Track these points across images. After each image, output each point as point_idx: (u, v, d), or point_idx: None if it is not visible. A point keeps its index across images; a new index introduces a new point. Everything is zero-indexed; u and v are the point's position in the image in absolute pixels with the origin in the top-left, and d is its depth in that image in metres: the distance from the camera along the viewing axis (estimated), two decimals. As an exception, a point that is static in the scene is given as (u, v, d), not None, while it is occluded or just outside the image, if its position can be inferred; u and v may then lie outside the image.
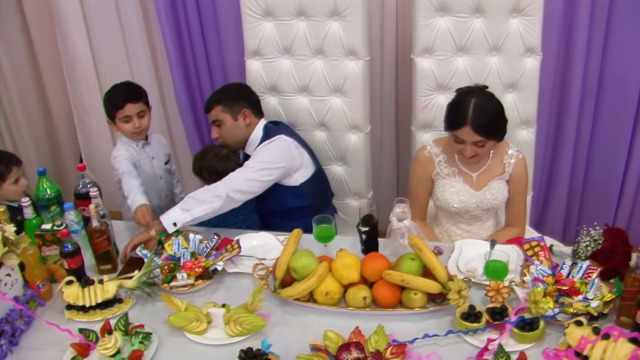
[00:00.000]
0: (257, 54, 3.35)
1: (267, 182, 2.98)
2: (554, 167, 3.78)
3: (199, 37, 3.71)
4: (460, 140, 2.67)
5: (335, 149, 3.43)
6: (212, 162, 3.11)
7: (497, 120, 2.67)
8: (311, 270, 2.34)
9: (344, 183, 3.49)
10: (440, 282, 2.29)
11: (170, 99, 4.02)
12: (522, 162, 2.87)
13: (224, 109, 3.14)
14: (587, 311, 2.17)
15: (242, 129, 3.16)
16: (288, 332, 2.27)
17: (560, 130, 3.66)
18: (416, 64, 3.23)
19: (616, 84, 3.51)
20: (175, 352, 2.21)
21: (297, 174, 3.11)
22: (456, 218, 2.94)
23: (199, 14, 3.68)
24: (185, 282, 2.48)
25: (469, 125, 2.60)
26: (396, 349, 2.10)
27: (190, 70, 3.81)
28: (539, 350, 2.11)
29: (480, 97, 2.65)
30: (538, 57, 3.16)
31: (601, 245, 2.43)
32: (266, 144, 3.07)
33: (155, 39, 3.86)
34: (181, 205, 2.78)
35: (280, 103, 3.41)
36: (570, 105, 3.57)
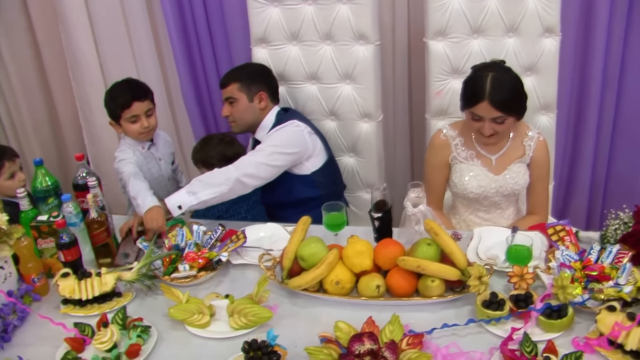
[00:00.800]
0: (263, 41, 3.22)
1: (279, 168, 2.84)
2: (575, 155, 3.60)
3: (204, 26, 3.58)
4: (478, 117, 2.53)
5: (346, 139, 3.29)
6: (221, 148, 2.98)
7: (516, 94, 2.53)
8: (320, 258, 2.20)
9: (356, 174, 3.34)
10: (459, 268, 2.14)
11: (176, 94, 3.89)
12: (544, 145, 2.71)
13: (241, 87, 3.00)
14: (620, 296, 2.00)
15: (255, 111, 3.02)
16: (296, 325, 2.12)
17: (581, 115, 3.49)
18: (429, 47, 3.08)
19: (638, 65, 3.35)
20: (175, 346, 2.07)
21: (309, 162, 2.98)
22: (475, 206, 2.79)
23: (204, 2, 3.55)
24: (187, 274, 2.34)
25: (487, 100, 2.46)
26: (412, 339, 1.95)
27: (196, 62, 3.68)
28: (568, 340, 1.95)
29: (497, 72, 2.52)
30: (557, 37, 3.01)
31: (632, 228, 2.26)
32: (279, 129, 2.94)
33: (161, 33, 3.72)
34: (188, 188, 2.64)
35: (288, 92, 3.27)
36: (591, 89, 3.40)
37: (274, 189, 2.92)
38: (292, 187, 2.95)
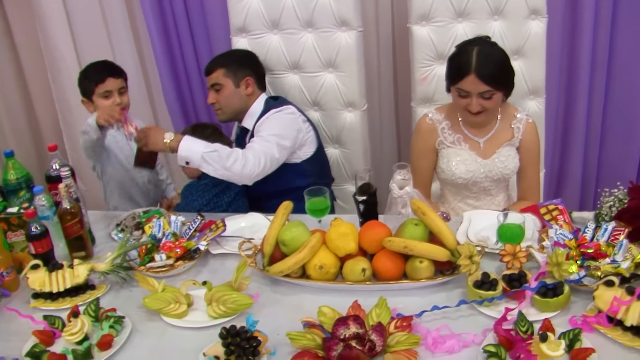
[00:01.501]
0: (243, 30, 3.13)
1: (281, 160, 2.75)
2: (566, 141, 3.52)
3: (184, 18, 3.48)
4: (465, 93, 2.45)
5: (330, 130, 3.20)
6: (209, 135, 2.83)
7: (503, 68, 2.46)
8: (302, 242, 2.09)
9: (342, 166, 3.25)
10: (448, 248, 2.03)
11: (156, 90, 3.78)
12: (533, 127, 2.63)
13: (226, 73, 2.90)
14: (618, 272, 1.90)
15: (242, 97, 2.92)
16: (278, 313, 2.01)
17: (571, 100, 3.40)
18: (413, 33, 3.00)
19: (628, 47, 3.28)
20: (150, 337, 1.95)
21: (301, 150, 2.89)
22: (463, 193, 2.69)
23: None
24: (163, 263, 2.22)
25: (474, 74, 2.39)
26: (401, 322, 1.84)
27: (175, 54, 3.57)
28: (565, 319, 1.84)
29: (483, 45, 2.45)
30: (543, 19, 2.94)
31: (627, 204, 2.17)
32: (274, 114, 2.84)
33: (139, 26, 3.63)
34: (206, 154, 2.51)
35: (269, 82, 3.17)
36: (580, 73, 3.32)
37: (263, 179, 2.80)
38: (281, 175, 2.83)
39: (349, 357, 1.69)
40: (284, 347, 1.80)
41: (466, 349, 1.78)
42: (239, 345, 1.74)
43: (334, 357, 1.71)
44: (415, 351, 1.73)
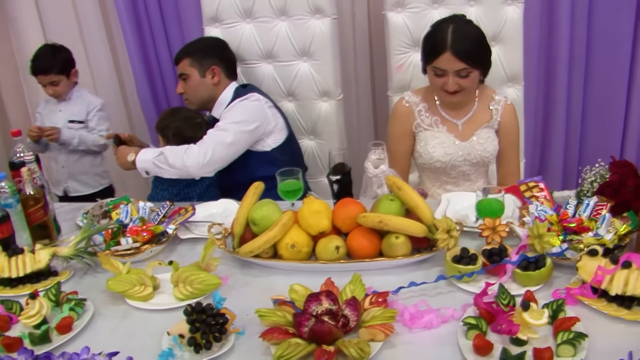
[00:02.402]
0: (216, 20, 3.07)
1: (242, 147, 2.73)
2: (546, 129, 3.46)
3: (156, 8, 3.40)
4: (442, 72, 2.39)
5: (305, 120, 3.13)
6: (182, 124, 2.80)
7: (479, 45, 2.41)
8: (274, 221, 2.00)
9: (317, 158, 3.17)
10: (425, 223, 1.95)
11: (129, 85, 3.68)
12: (511, 109, 2.58)
13: (192, 62, 2.86)
14: (602, 243, 1.83)
15: (208, 87, 2.87)
16: (248, 294, 1.91)
17: (550, 87, 3.35)
18: (388, 20, 2.95)
19: (606, 32, 3.25)
20: (113, 320, 1.84)
21: (270, 138, 2.82)
22: (442, 178, 2.62)
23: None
24: (129, 246, 2.12)
25: (449, 51, 2.34)
26: (376, 297, 1.75)
27: (147, 45, 3.47)
28: (548, 293, 1.77)
29: (458, 23, 2.40)
30: (520, 4, 2.90)
31: (608, 178, 2.10)
32: (237, 103, 2.78)
33: (111, 16, 3.54)
34: (155, 159, 2.61)
35: (243, 72, 3.11)
36: (559, 60, 3.26)
37: (230, 168, 2.73)
38: (250, 165, 2.77)
39: (320, 331, 1.59)
40: (253, 327, 1.70)
41: (445, 324, 1.69)
42: (204, 322, 1.63)
43: (305, 332, 1.61)
44: (391, 325, 1.64)
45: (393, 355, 1.59)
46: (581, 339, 1.52)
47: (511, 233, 2.00)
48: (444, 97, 2.48)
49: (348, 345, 1.54)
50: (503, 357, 1.51)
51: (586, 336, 1.53)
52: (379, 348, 1.60)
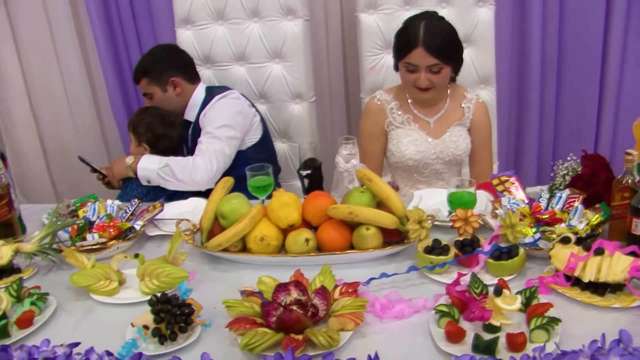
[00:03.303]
0: (187, 21, 3.03)
1: (235, 152, 2.73)
2: (520, 131, 3.46)
3: (128, 8, 3.36)
4: (413, 67, 2.38)
5: (277, 123, 3.10)
6: (154, 120, 2.76)
7: (450, 40, 2.41)
8: (243, 214, 1.95)
9: (290, 161, 3.14)
10: (396, 215, 1.92)
11: (101, 90, 3.62)
12: (483, 107, 2.58)
13: (150, 81, 2.82)
14: (574, 231, 1.82)
15: (173, 99, 2.83)
16: (217, 289, 1.86)
17: (523, 89, 3.35)
18: (360, 21, 2.94)
19: (577, 33, 3.27)
20: (76, 314, 1.79)
21: (246, 136, 2.79)
22: (415, 177, 2.60)
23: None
24: (95, 242, 2.06)
25: (422, 47, 2.33)
26: (346, 288, 1.71)
27: (119, 47, 3.42)
28: (521, 283, 1.75)
29: (430, 19, 2.40)
30: (491, 6, 2.91)
31: (580, 171, 2.09)
32: (218, 101, 2.75)
33: (83, 20, 3.48)
34: (160, 170, 2.59)
35: (215, 75, 3.08)
36: (531, 61, 3.27)
37: None
38: None
39: (289, 320, 1.54)
40: (220, 320, 1.65)
41: (417, 314, 1.66)
42: (169, 312, 1.59)
43: (272, 322, 1.57)
44: (361, 314, 1.60)
45: (363, 345, 1.55)
46: (554, 323, 1.50)
47: (484, 225, 1.98)
48: (415, 94, 2.47)
49: (317, 334, 1.50)
50: (475, 343, 1.48)
51: (559, 321, 1.51)
52: (349, 337, 1.56)
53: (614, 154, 3.36)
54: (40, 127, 3.76)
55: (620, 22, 3.20)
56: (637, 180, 1.79)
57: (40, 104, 3.68)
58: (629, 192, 1.80)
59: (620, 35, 3.22)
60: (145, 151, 2.74)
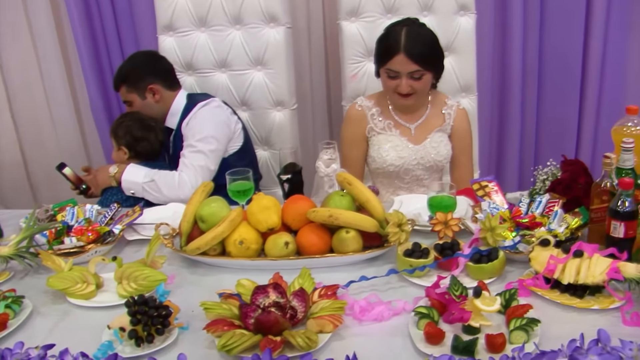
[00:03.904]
0: (170, 28, 3.02)
1: (217, 165, 2.72)
2: (501, 139, 3.48)
3: (110, 13, 3.33)
4: (395, 73, 2.39)
5: (259, 130, 3.09)
6: (133, 124, 2.76)
7: (431, 47, 2.42)
8: (222, 218, 1.94)
9: (270, 168, 3.13)
10: (376, 218, 1.91)
11: (82, 94, 3.59)
12: (464, 114, 2.59)
13: (129, 88, 2.81)
14: (554, 234, 1.82)
15: (153, 106, 2.82)
16: (195, 293, 1.83)
17: (504, 97, 3.38)
18: (342, 29, 2.95)
19: (558, 41, 3.31)
20: (52, 318, 1.76)
21: (228, 144, 2.79)
22: (396, 183, 2.60)
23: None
24: (73, 245, 2.03)
25: (403, 53, 2.34)
26: (325, 290, 1.70)
27: (101, 53, 3.39)
28: (501, 287, 1.74)
29: (411, 26, 2.42)
30: (472, 15, 2.93)
31: (560, 176, 2.10)
32: (201, 109, 2.74)
33: (65, 25, 3.46)
34: (145, 184, 2.60)
35: (197, 82, 3.07)
36: (512, 70, 3.30)
37: None
38: None
39: (267, 321, 1.53)
40: (198, 322, 1.63)
41: (396, 316, 1.66)
42: (146, 314, 1.57)
43: (251, 324, 1.56)
44: (340, 316, 1.59)
45: (342, 347, 1.54)
46: (534, 324, 1.50)
47: (464, 229, 1.98)
48: (396, 100, 2.47)
49: (295, 335, 1.49)
50: (455, 344, 1.47)
51: (538, 322, 1.51)
52: (327, 339, 1.55)
53: (594, 159, 3.39)
54: (21, 134, 3.72)
55: (599, 32, 3.25)
56: (615, 184, 1.80)
57: (21, 111, 3.65)
58: (608, 196, 1.81)
59: (599, 42, 3.27)
60: (125, 155, 2.73)
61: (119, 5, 3.33)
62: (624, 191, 1.72)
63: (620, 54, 3.33)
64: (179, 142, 2.72)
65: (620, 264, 1.63)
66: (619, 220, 1.72)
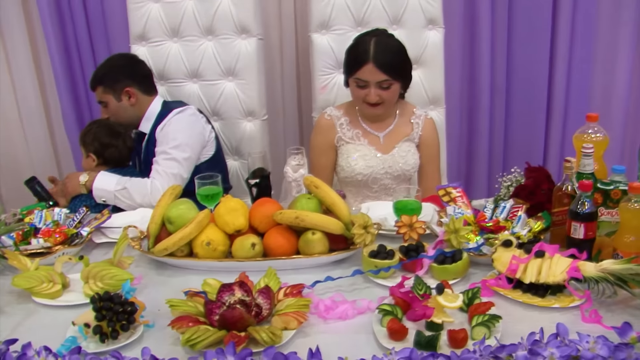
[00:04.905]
0: (142, 38, 3.04)
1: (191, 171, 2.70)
2: (470, 152, 3.53)
3: (83, 24, 3.33)
4: (364, 83, 2.43)
5: (229, 140, 3.11)
6: (101, 130, 2.75)
7: (400, 57, 2.47)
8: (189, 219, 1.95)
9: (240, 178, 3.14)
10: (342, 221, 1.94)
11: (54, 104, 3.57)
12: (431, 123, 2.64)
13: (105, 89, 2.80)
14: (517, 236, 1.86)
15: (127, 109, 2.81)
16: (162, 293, 1.82)
17: (473, 110, 3.44)
18: (313, 41, 2.98)
19: (525, 55, 3.39)
20: (16, 316, 1.75)
21: (201, 151, 2.79)
22: (364, 192, 2.62)
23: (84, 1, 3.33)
24: (40, 246, 2.03)
25: (372, 62, 2.39)
26: (291, 289, 1.72)
27: (73, 61, 3.37)
28: (464, 287, 1.76)
29: (380, 36, 2.47)
30: (440, 29, 2.98)
31: (524, 183, 2.15)
32: (176, 115, 2.74)
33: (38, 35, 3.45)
34: (117, 192, 2.57)
35: (168, 91, 3.08)
36: (480, 83, 3.37)
37: None
38: None
39: (231, 317, 1.54)
40: (164, 320, 1.63)
41: (361, 315, 1.68)
42: (111, 310, 1.57)
43: (215, 320, 1.56)
44: (304, 313, 1.61)
45: (307, 343, 1.54)
46: (495, 320, 1.53)
47: (429, 233, 2.01)
48: (365, 109, 2.51)
49: (259, 331, 1.51)
50: (417, 339, 1.49)
51: (500, 318, 1.54)
52: (292, 336, 1.57)
53: (561, 167, 3.46)
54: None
55: (565, 45, 3.33)
56: (575, 187, 1.85)
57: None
58: (569, 199, 1.85)
59: (565, 55, 3.35)
60: (94, 162, 2.72)
61: (92, 14, 3.33)
62: (583, 193, 1.76)
63: (586, 66, 3.42)
64: (151, 147, 2.72)
65: (580, 264, 1.67)
66: (579, 222, 1.76)
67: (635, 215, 1.71)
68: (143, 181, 2.59)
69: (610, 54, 3.43)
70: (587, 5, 3.29)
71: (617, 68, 3.44)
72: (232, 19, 2.96)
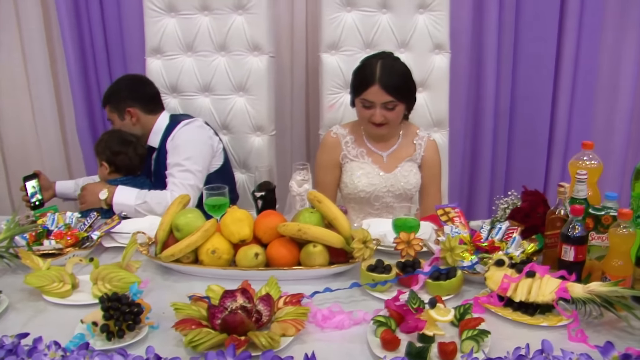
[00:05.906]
0: (158, 51, 3.14)
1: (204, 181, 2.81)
2: (473, 174, 3.61)
3: (101, 36, 3.45)
4: (369, 103, 2.52)
5: (238, 153, 3.20)
6: (112, 138, 2.86)
7: (405, 80, 2.56)
8: (196, 227, 2.03)
9: (247, 191, 3.21)
10: (343, 235, 2.01)
11: (68, 110, 3.65)
12: (434, 145, 2.72)
13: (111, 108, 2.94)
14: (510, 257, 1.93)
15: (131, 128, 2.93)
16: (167, 297, 1.90)
17: (477, 134, 3.53)
18: (322, 61, 3.08)
19: (528, 84, 3.49)
20: (27, 313, 1.83)
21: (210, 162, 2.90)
22: (366, 209, 2.70)
23: (102, 15, 3.44)
24: (52, 247, 2.11)
25: (378, 84, 2.47)
26: (290, 298, 1.79)
27: (89, 72, 3.50)
28: (457, 304, 1.82)
29: (386, 59, 2.55)
30: (447, 54, 3.08)
31: (520, 205, 2.22)
32: (184, 127, 2.85)
33: (56, 45, 3.54)
34: (137, 206, 2.66)
35: (180, 104, 3.18)
36: (485, 107, 3.46)
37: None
38: None
39: (232, 321, 1.62)
40: (168, 323, 1.71)
41: (356, 326, 1.75)
42: (119, 310, 1.65)
43: (217, 324, 1.64)
44: (302, 321, 1.68)
45: (303, 349, 1.61)
46: (484, 335, 1.60)
47: (426, 250, 2.08)
48: (370, 129, 2.59)
49: (259, 335, 1.58)
50: (408, 350, 1.56)
51: (489, 333, 1.60)
52: (289, 342, 1.64)
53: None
54: (6, 151, 3.76)
55: (568, 77, 3.43)
56: (568, 211, 1.92)
57: (8, 128, 3.70)
58: (561, 222, 1.92)
59: (568, 86, 3.45)
60: (106, 170, 2.81)
61: (110, 28, 3.45)
62: (575, 217, 1.83)
63: (589, 94, 3.52)
64: (162, 159, 2.82)
65: (569, 285, 1.74)
66: (570, 245, 1.83)
67: (624, 240, 1.78)
68: (162, 193, 2.69)
69: (613, 84, 3.53)
70: (591, 35, 3.39)
71: (619, 97, 3.54)
72: (245, 36, 3.06)
